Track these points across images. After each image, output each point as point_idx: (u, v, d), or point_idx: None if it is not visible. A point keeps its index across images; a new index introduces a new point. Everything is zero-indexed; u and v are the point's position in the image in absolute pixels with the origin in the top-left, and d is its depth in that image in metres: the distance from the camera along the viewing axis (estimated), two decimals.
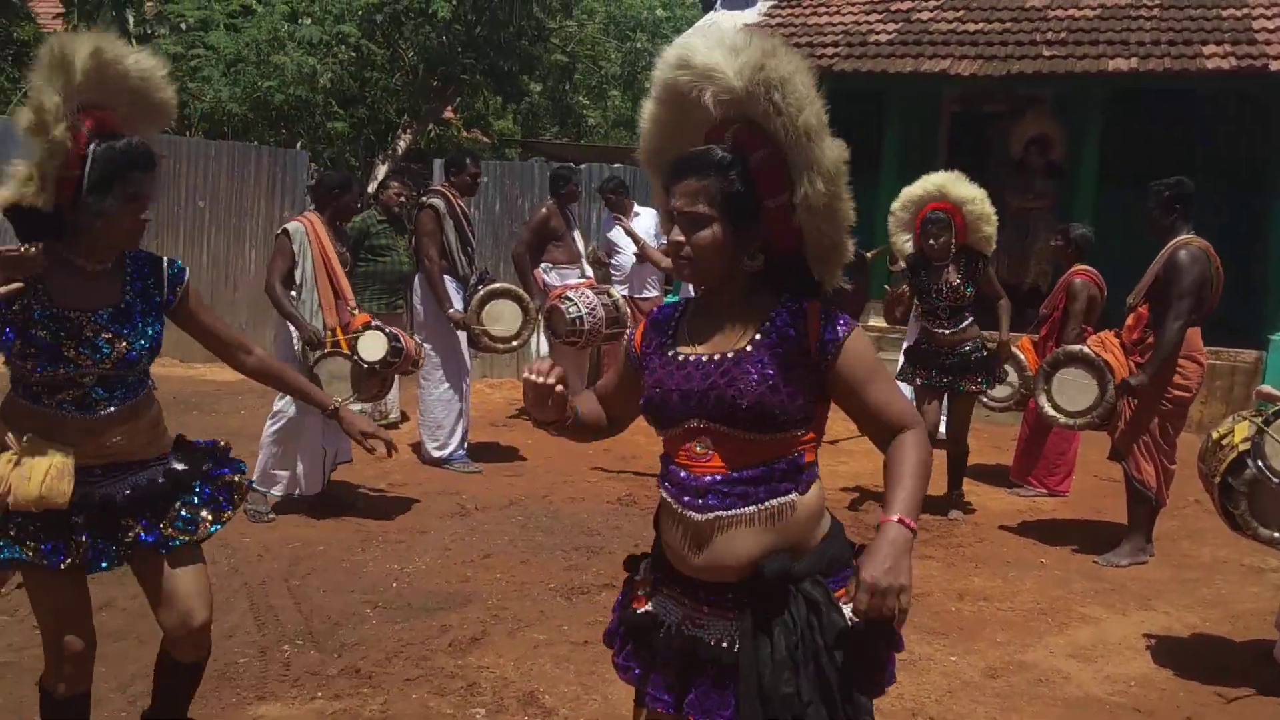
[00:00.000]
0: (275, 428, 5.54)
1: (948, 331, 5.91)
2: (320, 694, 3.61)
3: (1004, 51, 9.62)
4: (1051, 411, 5.48)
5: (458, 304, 6.53)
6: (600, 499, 6.13)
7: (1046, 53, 9.47)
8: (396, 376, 6.12)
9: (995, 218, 6.01)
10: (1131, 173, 9.89)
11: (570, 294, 6.94)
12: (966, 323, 5.92)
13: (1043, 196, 9.86)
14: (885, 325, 7.38)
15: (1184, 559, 5.55)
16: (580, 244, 8.03)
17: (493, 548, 5.25)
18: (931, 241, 5.84)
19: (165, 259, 2.80)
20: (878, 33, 10.27)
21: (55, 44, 2.52)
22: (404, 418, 7.92)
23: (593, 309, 6.87)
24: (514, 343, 6.55)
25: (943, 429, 6.25)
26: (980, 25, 10.12)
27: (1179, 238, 5.17)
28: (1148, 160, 10.13)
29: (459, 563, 5.03)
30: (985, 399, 6.30)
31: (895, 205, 6.14)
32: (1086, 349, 5.41)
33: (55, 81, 2.48)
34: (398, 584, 4.70)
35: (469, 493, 6.15)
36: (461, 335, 6.59)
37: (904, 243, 6.11)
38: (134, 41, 14.09)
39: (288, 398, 5.29)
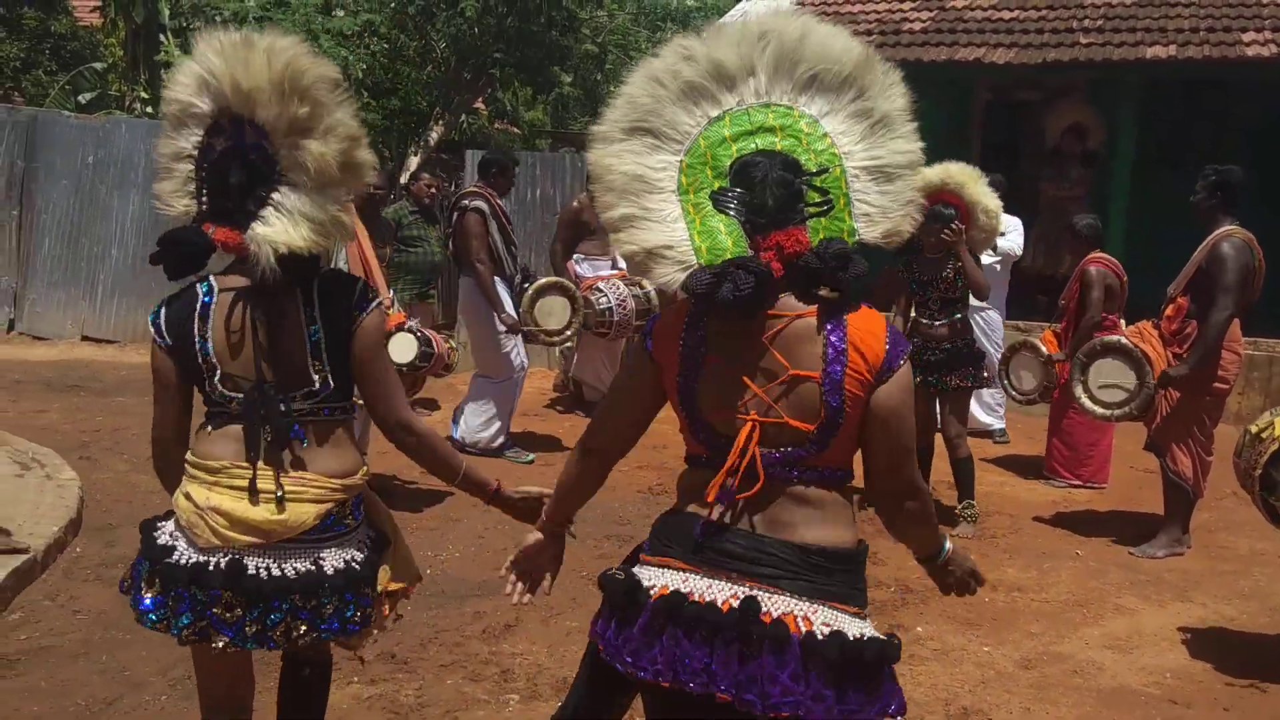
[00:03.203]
0: None
1: (938, 324, 5.67)
2: (356, 679, 3.65)
3: (1039, 39, 9.52)
4: (1089, 403, 5.41)
5: (506, 303, 6.55)
6: (631, 488, 6.14)
7: (1083, 40, 9.36)
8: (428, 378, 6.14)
9: (998, 238, 5.90)
10: (1169, 161, 9.81)
11: (601, 285, 6.95)
12: (958, 316, 5.68)
13: (1078, 185, 9.75)
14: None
15: (1221, 551, 5.49)
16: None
17: (525, 536, 5.26)
18: (931, 237, 5.51)
19: None
20: (911, 21, 10.20)
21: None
22: (436, 405, 7.97)
23: (623, 300, 6.87)
24: (567, 333, 6.65)
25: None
26: (1015, 13, 10.01)
27: (1222, 229, 5.11)
28: (1185, 148, 10.02)
29: (492, 551, 5.06)
30: (1012, 393, 6.22)
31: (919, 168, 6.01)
32: (1124, 339, 5.34)
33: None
34: (431, 571, 4.73)
35: (501, 482, 6.17)
36: (508, 339, 6.62)
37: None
38: (171, 36, 14.25)
39: None
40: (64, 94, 14.97)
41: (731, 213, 1.95)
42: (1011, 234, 7.63)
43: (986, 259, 7.62)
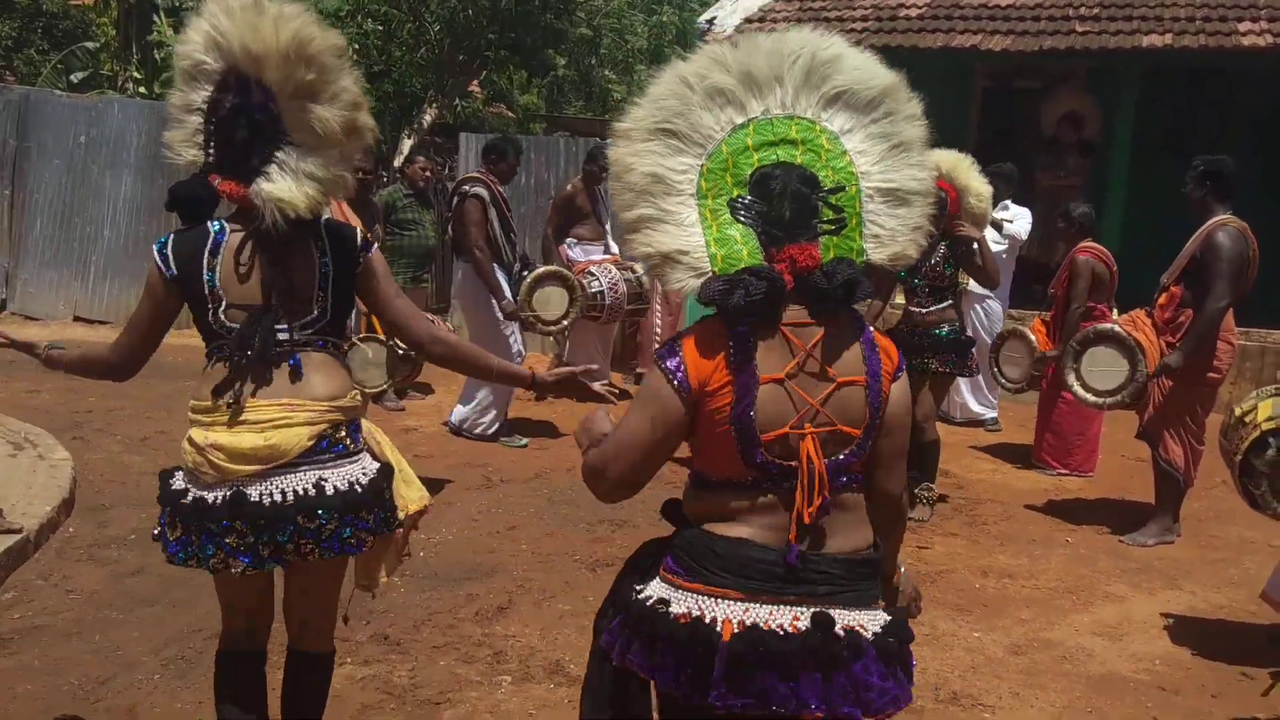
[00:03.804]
0: None
1: (925, 311, 5.63)
2: (349, 660, 3.66)
3: (1036, 27, 9.50)
4: (1081, 391, 5.43)
5: (505, 291, 6.54)
6: None
7: (1080, 28, 9.35)
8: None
9: (986, 224, 5.88)
10: (1165, 150, 9.81)
11: (593, 269, 6.94)
12: (945, 304, 5.63)
13: (1074, 174, 9.75)
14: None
15: (1211, 539, 5.52)
16: (608, 220, 8.02)
17: (518, 519, 5.29)
18: None
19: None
20: (908, 7, 10.17)
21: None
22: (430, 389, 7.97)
23: (614, 284, 6.86)
24: (564, 322, 6.64)
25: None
26: (1012, 0, 10.00)
27: (1217, 218, 5.12)
28: (1180, 138, 10.02)
29: (485, 534, 5.07)
30: (1001, 380, 6.22)
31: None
32: (1117, 327, 5.35)
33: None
34: (425, 554, 4.74)
35: (495, 465, 6.19)
36: (507, 325, 6.61)
37: None
38: (163, 15, 14.16)
39: None
40: (56, 73, 14.88)
41: (748, 222, 1.96)
42: (1019, 221, 7.64)
43: (993, 246, 7.63)
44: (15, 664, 3.59)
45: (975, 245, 5.60)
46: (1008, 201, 7.70)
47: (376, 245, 2.68)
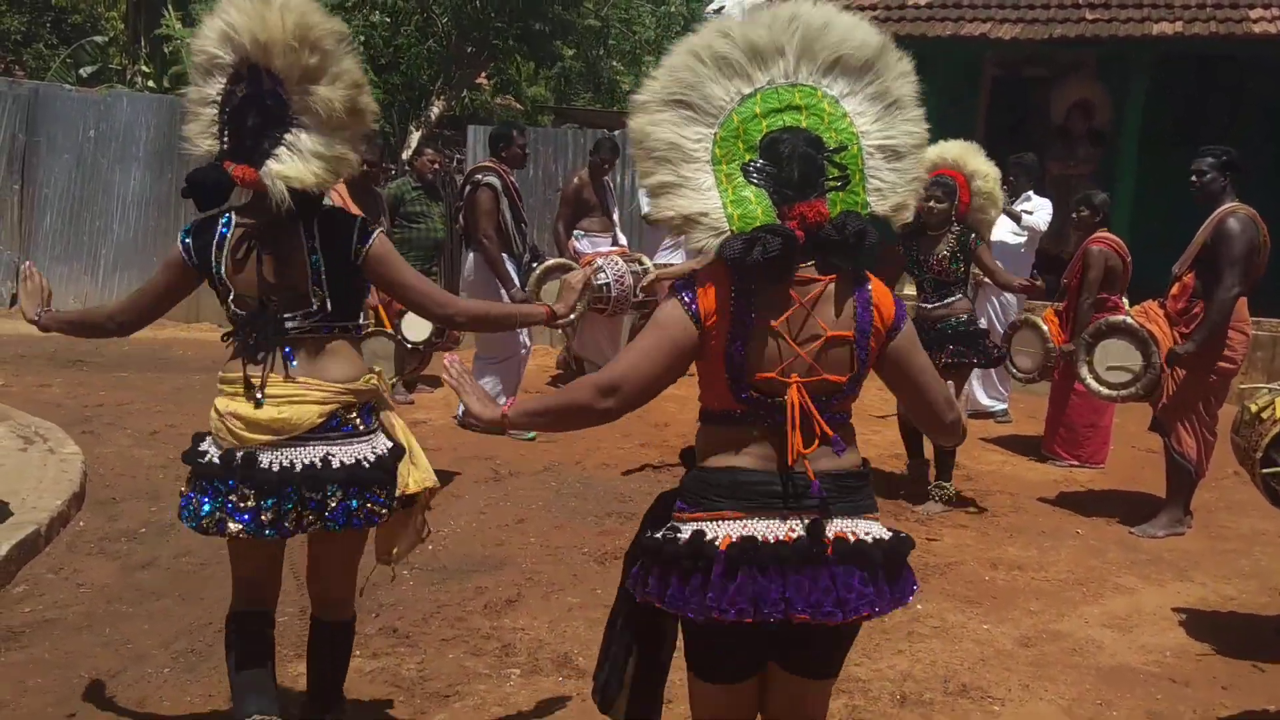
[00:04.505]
0: None
1: (930, 306, 5.60)
2: (359, 653, 3.66)
3: (1045, 15, 9.45)
4: (1094, 384, 5.38)
5: (514, 279, 6.52)
6: (633, 465, 6.14)
7: (1089, 16, 9.29)
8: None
9: (1001, 203, 5.82)
10: (1175, 138, 9.75)
11: (600, 261, 6.94)
12: (952, 299, 5.59)
13: (1084, 163, 9.69)
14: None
15: (1222, 530, 5.50)
16: (615, 212, 8.01)
17: (526, 512, 5.29)
18: (932, 204, 5.46)
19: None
20: None
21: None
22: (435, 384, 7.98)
23: (621, 276, 6.86)
24: (571, 316, 6.60)
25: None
26: None
27: (1226, 205, 5.09)
28: (1192, 126, 9.96)
29: (493, 527, 5.08)
30: (1012, 370, 6.18)
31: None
32: (1130, 319, 5.32)
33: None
34: (433, 547, 4.74)
35: (503, 458, 6.19)
36: None
37: None
38: (170, 8, 14.17)
39: None
40: (65, 67, 14.91)
41: (761, 184, 2.12)
42: (1039, 212, 7.58)
43: (1012, 238, 7.59)
44: (26, 657, 3.60)
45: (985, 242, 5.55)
46: (1029, 192, 7.65)
47: (379, 232, 2.81)
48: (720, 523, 2.11)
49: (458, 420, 6.81)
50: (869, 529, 2.15)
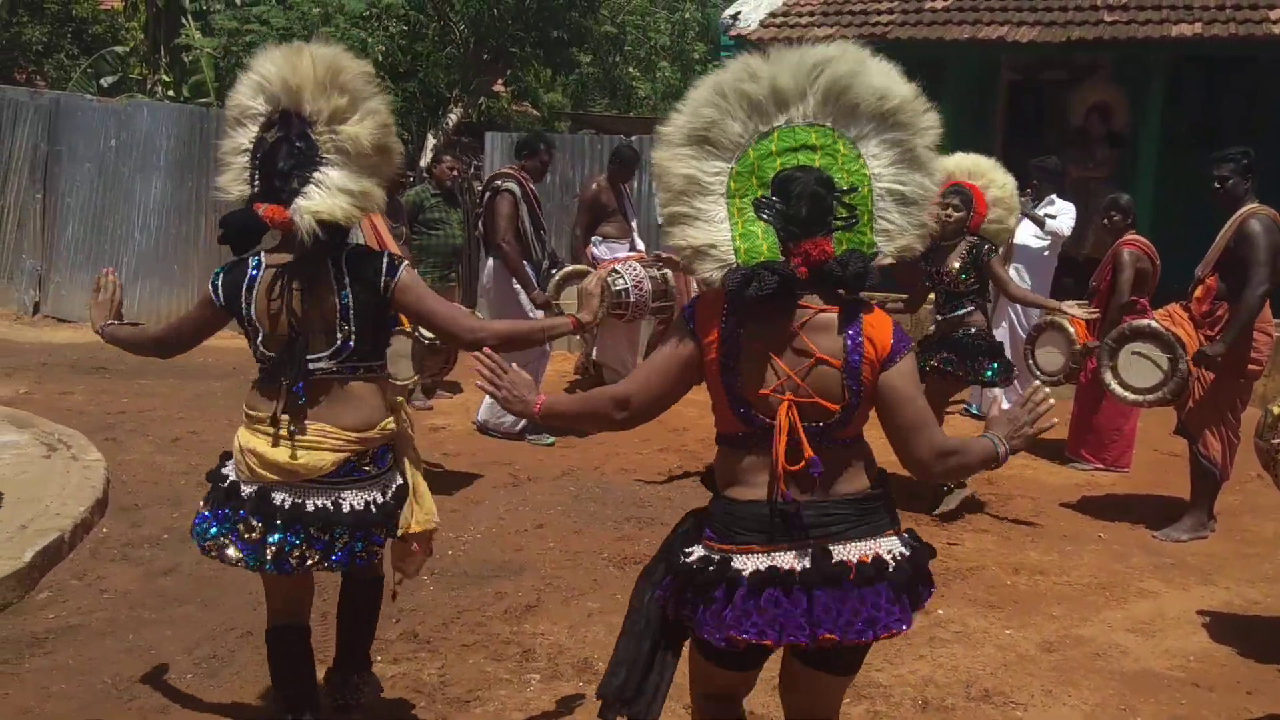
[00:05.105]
0: None
1: (941, 318, 5.58)
2: (379, 658, 3.67)
3: (1063, 17, 9.39)
4: (1119, 389, 5.31)
5: (534, 283, 6.53)
6: (651, 470, 6.14)
7: (1108, 18, 9.24)
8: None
9: (1019, 211, 5.75)
10: (1194, 140, 9.68)
11: (618, 267, 6.94)
12: (963, 311, 5.52)
13: (1103, 166, 9.63)
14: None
15: (1246, 534, 5.45)
16: (634, 219, 8.01)
17: (546, 518, 5.29)
18: (950, 212, 5.41)
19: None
20: None
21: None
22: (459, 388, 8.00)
23: (639, 282, 6.86)
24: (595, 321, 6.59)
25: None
26: None
27: (1247, 207, 5.06)
28: (1207, 128, 9.89)
29: (513, 532, 5.08)
30: (1036, 373, 6.12)
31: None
32: (1155, 323, 5.26)
33: None
34: (453, 552, 4.76)
35: (522, 463, 6.20)
36: (538, 315, 6.60)
37: None
38: (190, 18, 14.27)
39: None
40: (86, 77, 15.04)
41: (770, 219, 2.22)
42: (1062, 217, 7.52)
43: (1035, 242, 7.54)
44: (50, 663, 3.63)
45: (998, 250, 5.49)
46: (1053, 196, 7.58)
47: (406, 264, 2.89)
48: (749, 556, 2.20)
49: (477, 425, 6.83)
50: (890, 546, 2.22)
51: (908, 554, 2.24)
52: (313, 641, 3.10)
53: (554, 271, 6.58)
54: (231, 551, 2.78)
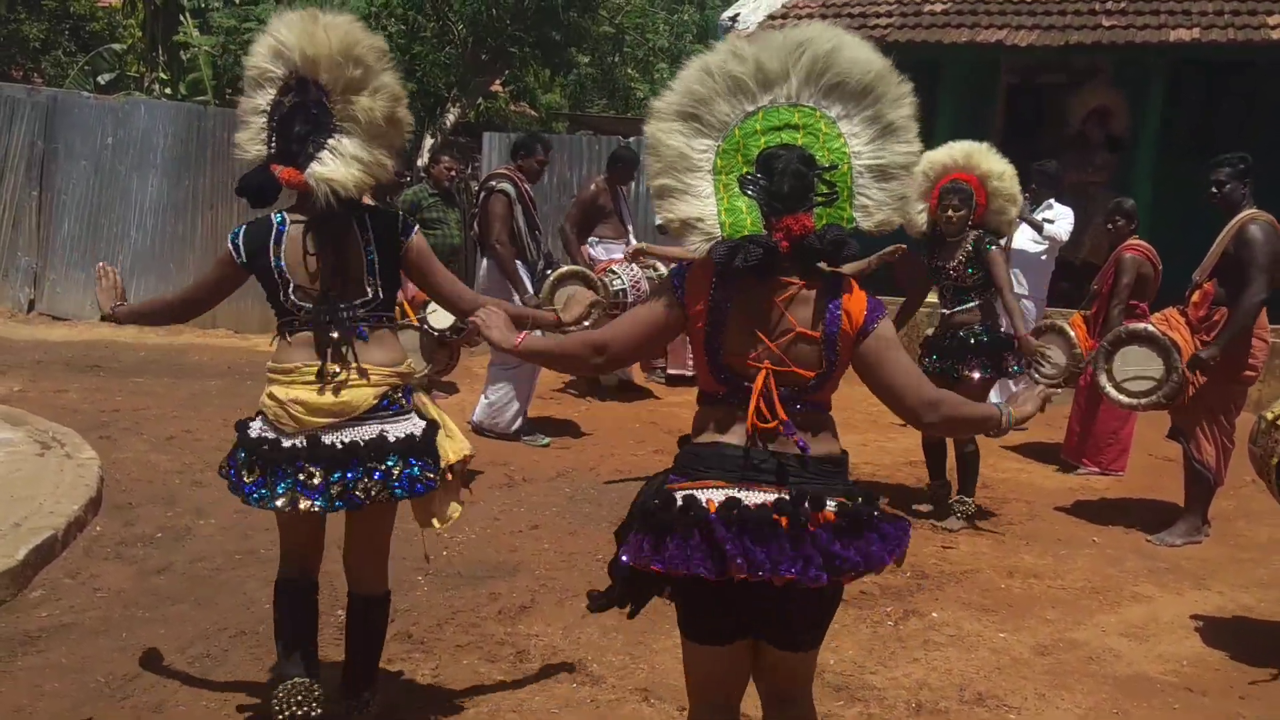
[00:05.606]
0: None
1: (948, 313, 5.53)
2: None
3: (1062, 21, 9.41)
4: (1114, 393, 5.30)
5: (526, 285, 6.52)
6: (646, 471, 6.11)
7: (1106, 22, 9.26)
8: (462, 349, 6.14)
9: (1021, 199, 5.74)
10: (1189, 145, 9.70)
11: (615, 268, 6.94)
12: (970, 304, 5.47)
13: (1102, 170, 9.65)
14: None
15: (1240, 539, 5.46)
16: (630, 220, 8.01)
17: (541, 519, 5.29)
18: (950, 213, 5.39)
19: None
20: (932, 2, 10.11)
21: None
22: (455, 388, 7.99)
23: (636, 282, 6.86)
24: (585, 323, 6.58)
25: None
26: None
27: (1246, 212, 5.06)
28: (1210, 133, 9.90)
29: (507, 533, 5.08)
30: (1036, 377, 6.12)
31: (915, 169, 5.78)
32: (1151, 327, 5.26)
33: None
34: (448, 553, 4.76)
35: (517, 464, 6.19)
36: None
37: (917, 213, 5.46)
38: (188, 15, 14.26)
39: None
40: (83, 75, 15.02)
41: (754, 195, 2.31)
42: (1061, 222, 7.53)
43: (1033, 246, 7.55)
44: (43, 661, 3.62)
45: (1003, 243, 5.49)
46: (1051, 201, 7.59)
47: (416, 227, 3.08)
48: (708, 490, 2.27)
49: (472, 426, 6.82)
50: (835, 504, 2.30)
51: (849, 505, 2.29)
52: (315, 643, 3.15)
53: (549, 272, 6.57)
54: (304, 503, 2.87)
